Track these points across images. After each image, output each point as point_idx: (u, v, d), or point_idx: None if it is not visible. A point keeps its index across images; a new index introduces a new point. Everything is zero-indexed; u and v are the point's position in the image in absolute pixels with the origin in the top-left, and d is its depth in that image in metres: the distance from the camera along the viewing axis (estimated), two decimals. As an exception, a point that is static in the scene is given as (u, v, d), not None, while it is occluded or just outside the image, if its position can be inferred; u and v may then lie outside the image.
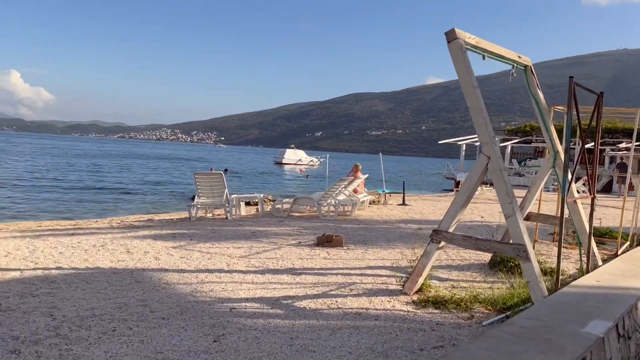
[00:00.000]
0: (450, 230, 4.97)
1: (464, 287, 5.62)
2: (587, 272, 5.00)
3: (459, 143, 33.61)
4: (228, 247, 7.49)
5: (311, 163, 67.68)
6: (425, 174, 68.72)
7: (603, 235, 8.86)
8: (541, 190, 6.49)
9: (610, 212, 14.11)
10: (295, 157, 66.08)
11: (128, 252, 7.00)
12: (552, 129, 6.11)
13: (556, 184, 15.22)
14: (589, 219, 5.53)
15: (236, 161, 78.36)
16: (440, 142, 38.08)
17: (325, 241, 7.74)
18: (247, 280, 5.65)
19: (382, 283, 5.72)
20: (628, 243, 7.93)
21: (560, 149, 6.03)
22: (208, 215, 11.54)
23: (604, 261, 6.13)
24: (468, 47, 4.79)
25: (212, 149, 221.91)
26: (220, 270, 6.07)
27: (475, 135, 33.61)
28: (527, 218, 6.48)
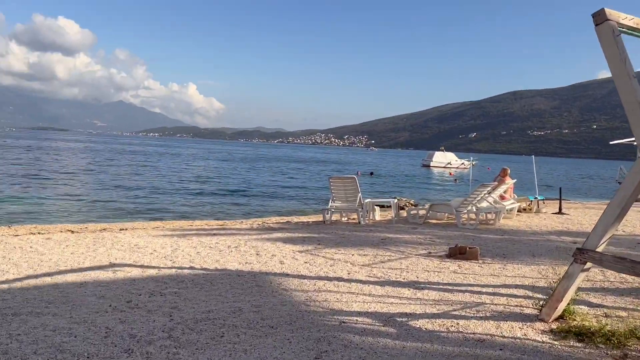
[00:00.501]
0: (600, 249, 4.14)
1: (620, 317, 4.67)
2: None
3: (635, 143, 29.38)
4: (353, 254, 7.29)
5: (462, 166, 64.88)
6: (596, 178, 61.66)
7: None
8: None
9: None
10: (444, 159, 63.90)
11: (257, 254, 7.19)
12: None
13: None
14: None
15: (383, 164, 78.48)
16: (612, 142, 33.72)
17: (458, 253, 7.13)
18: (364, 292, 5.37)
19: (517, 305, 5.01)
20: None
21: None
22: (343, 219, 11.52)
23: None
24: (623, 29, 3.95)
25: (364, 152, 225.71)
26: (339, 279, 5.88)
27: None
28: None
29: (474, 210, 10.59)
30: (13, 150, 57.76)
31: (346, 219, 11.55)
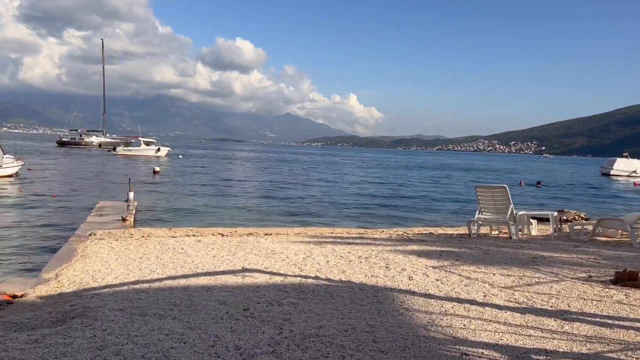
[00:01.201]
0: None
1: None
2: None
3: None
4: (494, 274, 6.49)
5: (646, 175, 56.25)
6: None
7: None
8: None
9: None
10: (628, 167, 55.83)
11: (386, 267, 6.81)
12: None
13: None
14: None
15: (554, 172, 71.60)
16: None
17: (627, 278, 5.91)
18: (498, 319, 4.67)
19: (701, 354, 3.89)
20: None
21: None
22: (493, 232, 10.52)
23: None
24: None
25: (536, 159, 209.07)
26: (472, 302, 5.22)
27: None
28: None
29: (656, 227, 8.83)
30: (204, 160, 65.09)
31: (497, 232, 10.53)
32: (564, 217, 13.03)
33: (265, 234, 10.40)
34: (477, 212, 10.12)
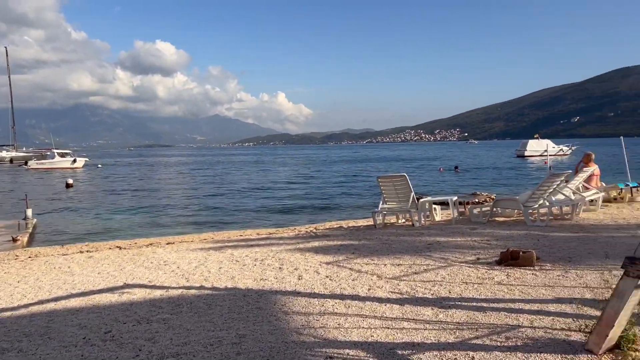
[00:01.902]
0: (660, 258, 3.02)
1: None
2: None
3: None
4: (386, 264, 6.42)
5: (560, 153, 60.05)
6: None
7: None
8: None
9: None
10: (540, 147, 59.31)
11: (279, 268, 6.56)
12: None
13: None
14: None
15: (472, 157, 74.79)
16: None
17: (510, 258, 6.01)
18: (376, 313, 4.53)
19: (562, 329, 3.92)
20: None
21: None
22: (400, 221, 10.57)
23: None
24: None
25: (463, 145, 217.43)
26: (355, 297, 5.07)
27: None
28: None
29: (547, 204, 9.18)
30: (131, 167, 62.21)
31: (403, 221, 10.60)
32: (476, 200, 13.37)
33: (167, 243, 9.88)
34: (381, 202, 10.11)
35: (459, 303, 4.73)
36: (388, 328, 4.15)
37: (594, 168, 10.90)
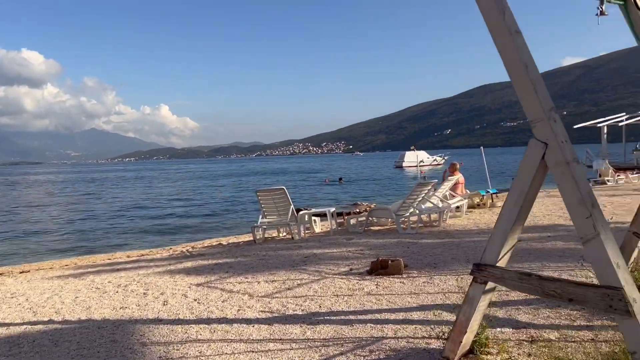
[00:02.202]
0: (502, 262, 3.15)
1: (548, 343, 3.69)
2: None
3: (599, 125, 29.11)
4: (259, 282, 6.21)
5: (434, 163, 64.43)
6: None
7: None
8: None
9: None
10: (416, 159, 63.26)
11: (144, 293, 6.06)
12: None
13: None
14: None
15: (356, 169, 77.67)
16: (575, 126, 33.31)
17: (380, 267, 6.11)
18: (242, 336, 4.29)
19: (423, 338, 3.99)
20: None
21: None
22: (281, 234, 10.43)
23: None
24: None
25: (349, 157, 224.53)
26: (222, 320, 4.79)
27: (620, 115, 27.98)
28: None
29: (416, 212, 9.61)
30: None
31: (284, 234, 10.47)
32: (357, 210, 13.66)
33: (20, 272, 8.79)
34: (260, 216, 9.92)
35: (328, 317, 4.66)
36: (252, 352, 3.93)
37: (458, 177, 11.68)
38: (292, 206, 9.71)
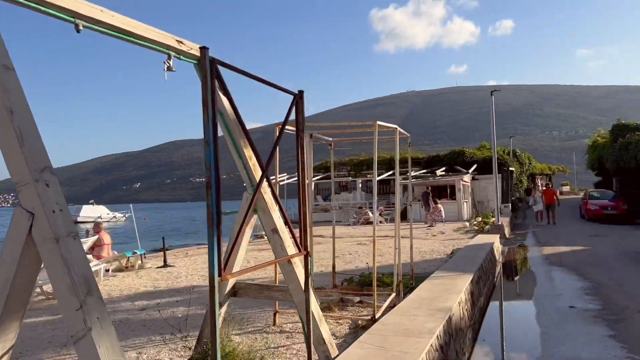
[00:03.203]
0: None
1: None
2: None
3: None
4: None
5: (114, 219, 60.84)
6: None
7: (369, 284, 6.95)
8: (246, 242, 4.27)
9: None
10: (94, 214, 58.44)
11: None
12: (249, 153, 4.01)
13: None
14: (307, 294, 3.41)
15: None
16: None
17: None
18: None
19: None
20: (393, 294, 6.27)
21: (264, 183, 3.91)
22: None
23: (347, 344, 4.12)
24: None
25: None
26: None
27: (282, 175, 30.36)
28: (235, 293, 4.22)
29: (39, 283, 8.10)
30: None
31: None
32: None
33: None
34: None
35: None
36: None
37: (96, 237, 10.61)
38: None
